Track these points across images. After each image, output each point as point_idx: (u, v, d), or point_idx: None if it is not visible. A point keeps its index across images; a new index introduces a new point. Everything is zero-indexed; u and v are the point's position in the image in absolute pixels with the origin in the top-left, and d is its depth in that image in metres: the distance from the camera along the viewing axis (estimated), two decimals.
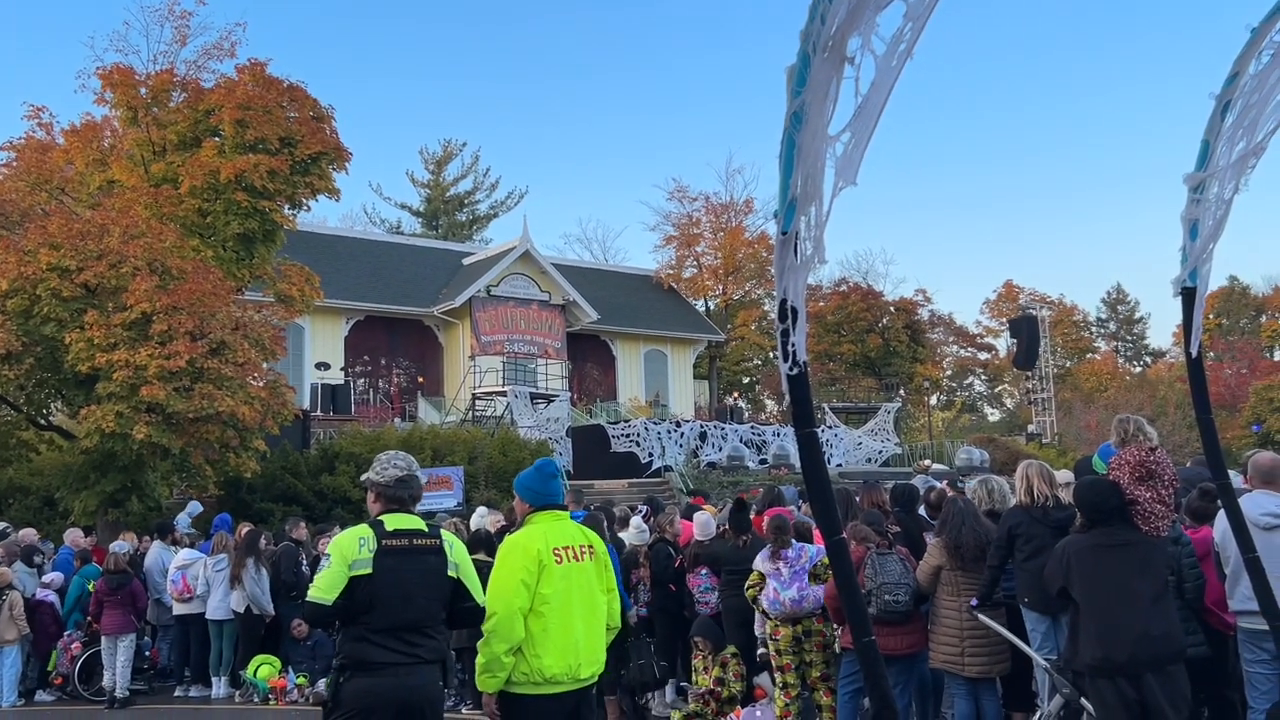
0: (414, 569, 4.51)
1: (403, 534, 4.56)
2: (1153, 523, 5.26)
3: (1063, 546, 5.48)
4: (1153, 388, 50.83)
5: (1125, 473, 5.38)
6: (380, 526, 4.57)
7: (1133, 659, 5.00)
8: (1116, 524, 5.27)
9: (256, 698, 11.44)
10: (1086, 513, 5.38)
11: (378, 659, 4.37)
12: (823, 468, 3.09)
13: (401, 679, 4.37)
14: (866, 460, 31.19)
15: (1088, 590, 5.23)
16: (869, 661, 3.08)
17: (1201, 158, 4.68)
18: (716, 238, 46.38)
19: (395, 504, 4.69)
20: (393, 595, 4.43)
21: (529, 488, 4.87)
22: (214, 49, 21.28)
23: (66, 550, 13.70)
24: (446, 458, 21.48)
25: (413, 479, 4.74)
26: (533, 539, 4.64)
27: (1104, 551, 5.24)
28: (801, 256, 2.86)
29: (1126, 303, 71.81)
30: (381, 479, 4.70)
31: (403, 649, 4.40)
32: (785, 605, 7.56)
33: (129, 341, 15.29)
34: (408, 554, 4.52)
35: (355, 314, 34.14)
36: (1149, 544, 5.27)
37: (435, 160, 59.34)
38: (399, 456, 4.80)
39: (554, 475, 4.91)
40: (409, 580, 4.48)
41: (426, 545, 4.59)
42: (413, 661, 4.41)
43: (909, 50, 2.48)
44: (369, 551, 4.47)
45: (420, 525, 4.67)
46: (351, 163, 21.43)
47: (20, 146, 20.82)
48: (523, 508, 4.88)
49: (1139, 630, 5.04)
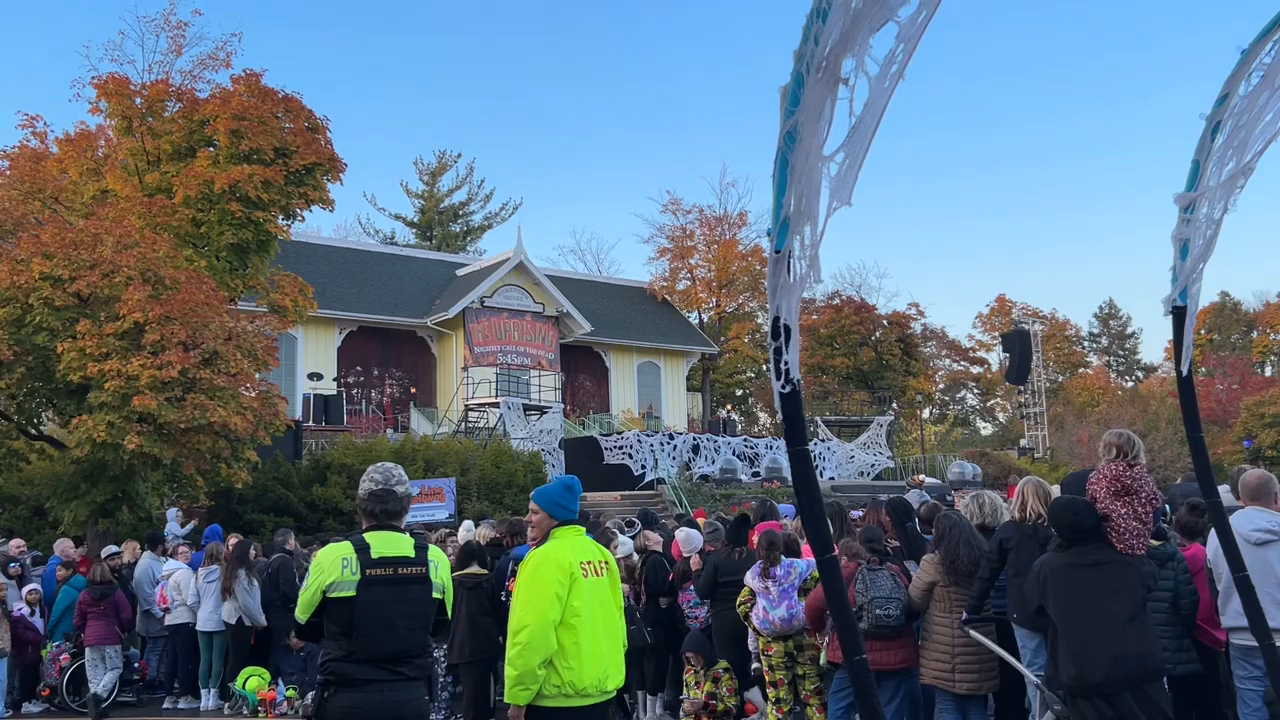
0: (399, 600, 4.34)
1: (388, 561, 4.36)
2: (1127, 540, 5.22)
3: (1039, 565, 5.47)
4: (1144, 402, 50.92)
5: (1102, 487, 5.38)
6: (365, 550, 4.35)
7: (1108, 679, 5.00)
8: (1091, 543, 5.26)
9: (246, 710, 11.38)
10: (1062, 532, 5.37)
11: (362, 675, 4.30)
12: (815, 485, 3.10)
13: (386, 694, 4.29)
14: (859, 474, 31.22)
15: (1063, 610, 5.23)
16: (860, 679, 3.08)
17: (1192, 178, 4.71)
18: (710, 250, 46.45)
19: (374, 520, 4.51)
20: (376, 628, 4.30)
21: (556, 503, 4.88)
22: (209, 59, 21.38)
23: (55, 560, 13.62)
24: (439, 469, 21.45)
25: (388, 493, 4.49)
26: (564, 552, 4.68)
27: (1079, 571, 5.23)
28: (795, 275, 2.88)
29: (1119, 317, 72.13)
30: (360, 493, 4.56)
31: (386, 668, 4.32)
32: (775, 624, 7.58)
33: (121, 351, 15.26)
34: (394, 584, 4.34)
35: (348, 324, 34.12)
36: (1124, 563, 5.24)
37: (430, 171, 59.36)
38: (378, 469, 4.59)
39: (579, 494, 4.97)
40: (394, 613, 4.33)
41: (412, 574, 4.40)
42: (397, 679, 4.33)
43: (901, 71, 2.50)
44: (352, 574, 4.30)
45: (406, 549, 4.45)
46: (346, 173, 21.48)
47: (14, 155, 20.82)
48: (548, 522, 4.87)
49: (1114, 650, 5.02)
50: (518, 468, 23.59)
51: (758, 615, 7.66)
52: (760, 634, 7.75)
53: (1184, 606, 6.24)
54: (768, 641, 7.73)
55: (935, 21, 2.60)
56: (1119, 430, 6.16)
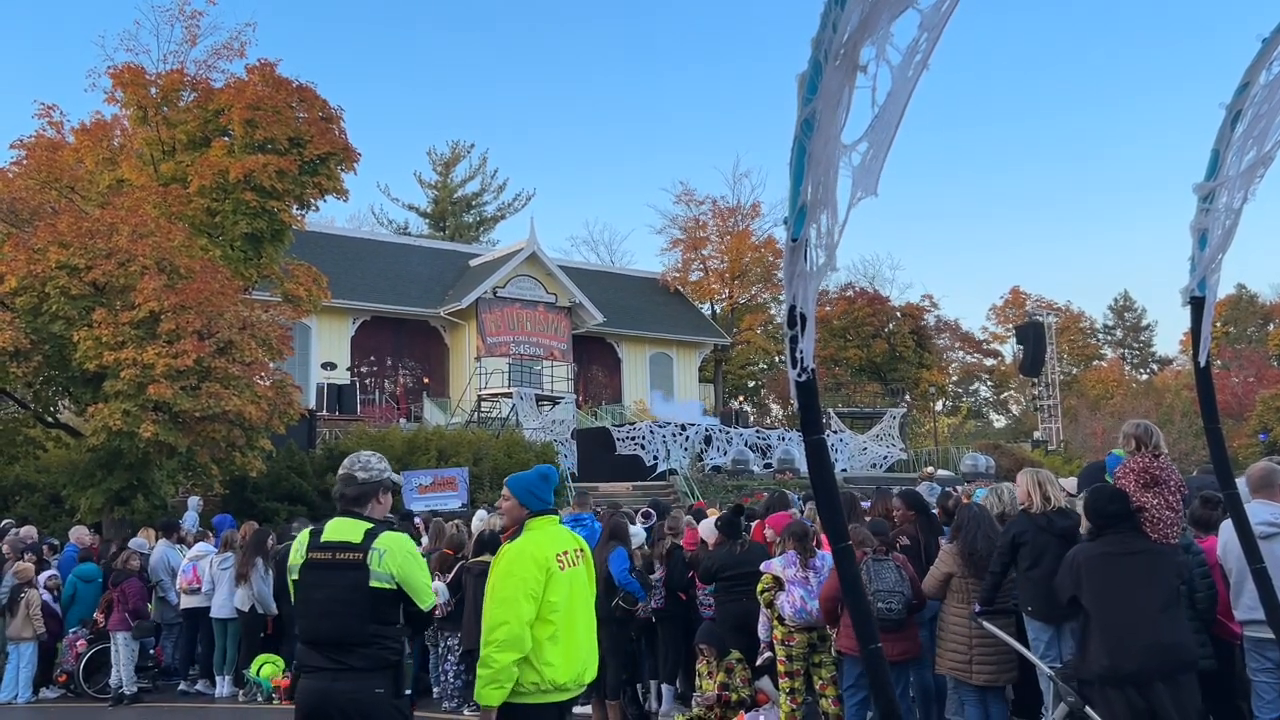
0: (330, 585, 4.36)
1: (330, 546, 4.42)
2: (1161, 530, 5.24)
3: (1073, 555, 5.46)
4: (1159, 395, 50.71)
5: (1131, 480, 5.37)
6: (316, 535, 4.49)
7: (1142, 668, 4.98)
8: (1126, 532, 5.25)
9: (260, 697, 11.44)
10: (1093, 519, 5.37)
11: (312, 662, 4.37)
12: (830, 474, 3.09)
13: (330, 684, 4.31)
14: (871, 466, 31.16)
15: (1097, 599, 5.21)
16: (875, 668, 3.08)
17: (1211, 167, 4.67)
18: (723, 241, 46.37)
19: (340, 503, 4.59)
20: (310, 611, 4.38)
21: (532, 493, 4.75)
22: (224, 49, 21.41)
23: (71, 548, 13.72)
24: (451, 459, 21.51)
25: (348, 478, 4.56)
26: (540, 547, 4.55)
27: (1113, 560, 5.22)
28: (813, 264, 2.87)
29: (1133, 310, 71.71)
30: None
31: (330, 655, 4.33)
32: (811, 614, 7.50)
33: (137, 340, 15.33)
34: (328, 569, 4.39)
35: (362, 314, 34.20)
36: (1159, 552, 5.25)
37: (443, 162, 59.40)
38: (353, 455, 4.68)
39: (555, 484, 4.85)
40: (323, 597, 4.35)
41: (347, 560, 4.39)
42: (340, 668, 4.31)
43: (925, 61, 2.48)
44: (299, 558, 4.45)
45: (354, 535, 4.44)
46: (360, 163, 21.55)
47: (31, 145, 20.89)
48: (521, 512, 4.74)
49: (1148, 639, 5.02)
50: (530, 458, 23.62)
51: (791, 604, 7.57)
52: (785, 624, 7.71)
53: (1200, 600, 6.21)
54: (789, 631, 7.69)
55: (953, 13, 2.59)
56: (1136, 421, 6.15)
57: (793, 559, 7.70)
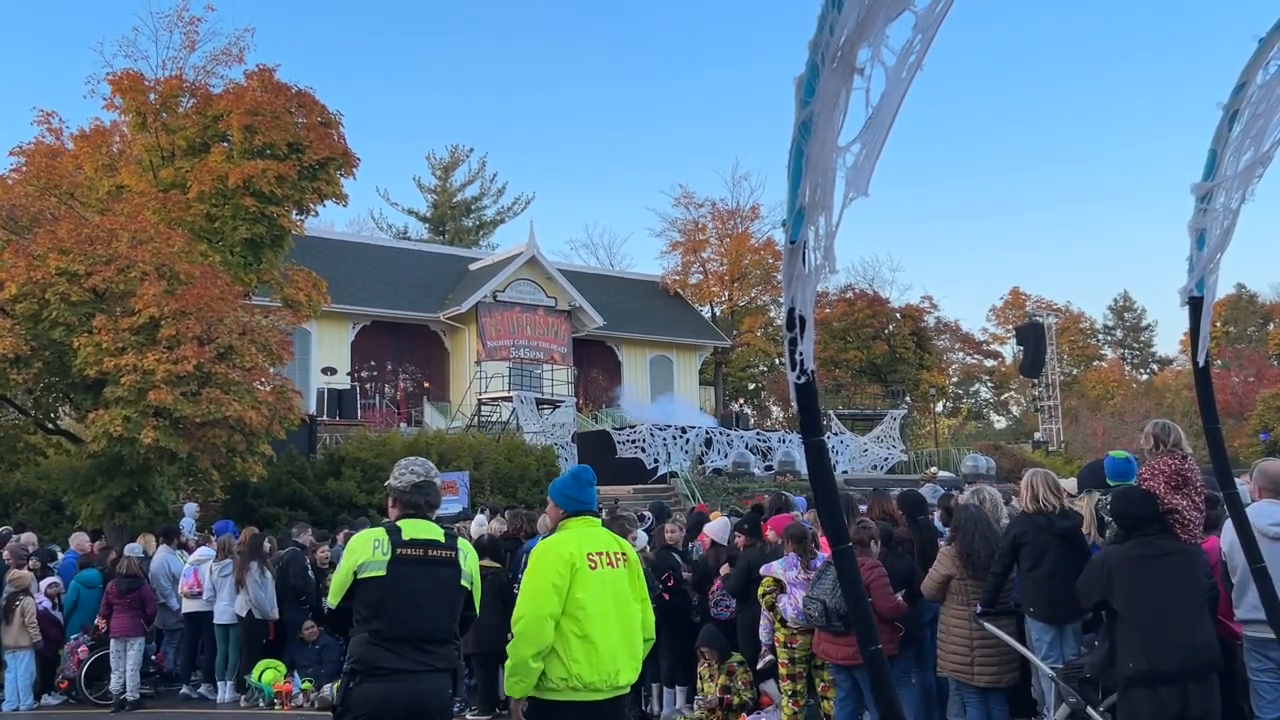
0: (428, 580, 4.49)
1: (419, 543, 4.55)
2: (1191, 531, 5.28)
3: (1102, 558, 5.43)
4: (1159, 395, 50.73)
5: (1160, 482, 5.37)
6: (396, 533, 4.56)
7: (1181, 669, 4.99)
8: (1156, 534, 5.25)
9: (262, 702, 11.44)
10: (1123, 522, 5.34)
11: (389, 665, 4.36)
12: (830, 476, 3.10)
13: (412, 684, 4.36)
14: (872, 467, 31.17)
15: (1132, 601, 5.17)
16: (876, 669, 3.08)
17: (1209, 167, 4.68)
18: (722, 244, 46.39)
19: (412, 509, 4.70)
20: (404, 605, 4.42)
21: (565, 494, 4.85)
22: (222, 55, 21.43)
23: (72, 554, 13.71)
24: (452, 463, 21.50)
25: (429, 485, 4.75)
26: (565, 543, 4.63)
27: (1147, 562, 5.20)
28: (810, 266, 2.88)
29: (1133, 310, 71.69)
30: (398, 484, 4.74)
31: (414, 656, 4.39)
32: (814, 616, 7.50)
33: (137, 346, 15.33)
34: (423, 564, 4.51)
35: (362, 319, 34.22)
36: (1190, 553, 5.28)
37: (442, 166, 59.43)
38: (417, 462, 4.82)
39: (591, 484, 4.91)
40: (422, 591, 4.46)
41: (442, 557, 4.57)
42: (423, 669, 4.39)
43: (919, 62, 2.49)
44: (383, 555, 4.48)
45: (437, 534, 4.64)
46: (359, 168, 21.55)
47: (30, 151, 20.94)
48: (556, 513, 4.86)
49: (1187, 640, 5.03)
50: (531, 461, 23.64)
51: (793, 606, 7.58)
52: (788, 626, 7.70)
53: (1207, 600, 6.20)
54: (792, 634, 7.69)
55: (951, 13, 2.59)
56: (1155, 420, 6.15)
57: (793, 561, 7.69)
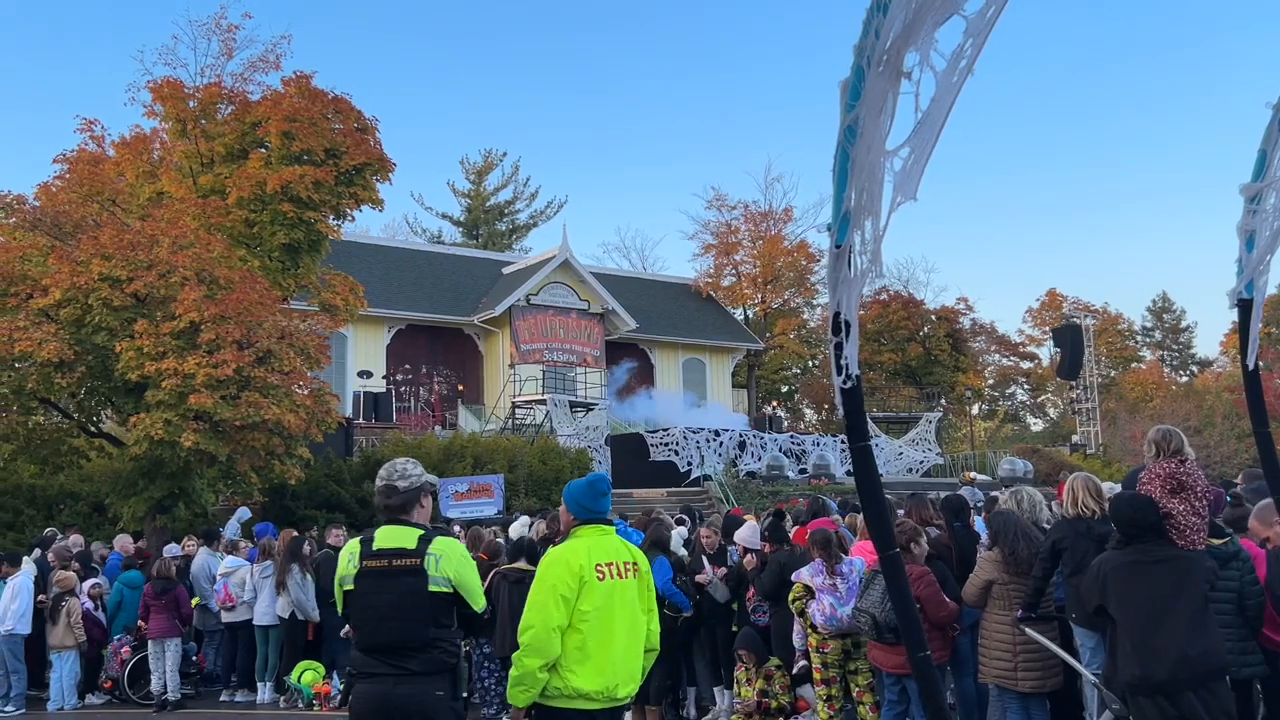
0: (390, 592, 4.42)
1: (384, 553, 4.48)
2: (1188, 536, 5.19)
3: (1098, 564, 5.38)
4: (1199, 397, 49.88)
5: (1156, 486, 5.31)
6: (368, 544, 4.54)
7: (1173, 678, 4.93)
8: (1152, 540, 5.18)
9: (301, 703, 11.54)
10: (1122, 528, 5.30)
11: (369, 669, 4.44)
12: (877, 482, 3.08)
13: (390, 687, 4.38)
14: (908, 470, 30.95)
15: (1124, 608, 5.14)
16: (924, 676, 3.06)
17: (1258, 168, 4.61)
18: (755, 246, 46.24)
19: (385, 514, 4.65)
20: (369, 618, 4.44)
21: (577, 501, 4.79)
22: (260, 62, 21.66)
23: (116, 556, 13.92)
24: (487, 466, 21.61)
25: (389, 489, 4.61)
26: (576, 553, 4.57)
27: (1140, 568, 5.15)
28: (856, 270, 2.86)
29: (1172, 311, 70.63)
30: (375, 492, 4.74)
31: (390, 661, 4.40)
32: (842, 621, 7.44)
33: (177, 350, 15.52)
34: (384, 576, 4.45)
35: (397, 323, 34.46)
36: (1187, 559, 5.18)
37: (476, 170, 59.72)
38: (386, 466, 4.73)
39: (605, 493, 4.84)
40: (385, 603, 4.41)
41: (405, 566, 4.45)
42: (402, 674, 4.38)
43: (970, 66, 2.47)
44: (353, 568, 4.51)
45: (408, 542, 4.51)
46: (394, 173, 21.67)
47: (73, 159, 21.25)
48: (568, 519, 4.83)
49: (1178, 649, 4.95)
50: (565, 464, 23.71)
51: (822, 612, 7.55)
52: (819, 631, 7.68)
53: (1250, 607, 6.07)
54: (823, 639, 7.66)
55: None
56: (1156, 427, 6.08)
57: (819, 567, 7.66)
